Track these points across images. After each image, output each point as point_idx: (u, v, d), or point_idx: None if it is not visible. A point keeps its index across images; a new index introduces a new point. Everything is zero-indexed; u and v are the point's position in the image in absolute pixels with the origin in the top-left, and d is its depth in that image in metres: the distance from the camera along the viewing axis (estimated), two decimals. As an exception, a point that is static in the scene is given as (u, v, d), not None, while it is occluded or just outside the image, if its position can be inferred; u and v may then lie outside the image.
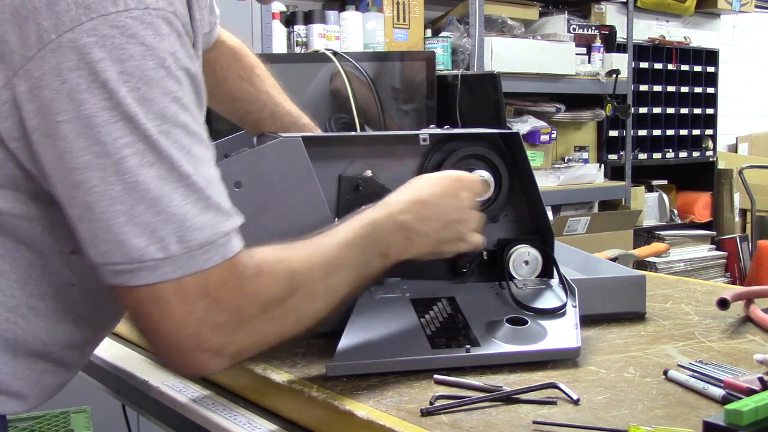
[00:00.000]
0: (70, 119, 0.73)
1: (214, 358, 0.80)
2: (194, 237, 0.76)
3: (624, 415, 0.80)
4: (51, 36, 0.73)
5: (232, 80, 1.28)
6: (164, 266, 0.75)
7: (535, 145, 3.84)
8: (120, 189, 0.74)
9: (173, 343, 0.78)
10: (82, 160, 0.74)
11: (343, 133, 1.58)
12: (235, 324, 0.80)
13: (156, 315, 0.77)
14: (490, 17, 3.74)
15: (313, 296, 0.86)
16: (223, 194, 0.80)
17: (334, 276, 0.88)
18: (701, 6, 4.88)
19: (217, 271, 0.78)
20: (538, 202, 1.13)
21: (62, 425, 2.07)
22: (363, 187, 1.09)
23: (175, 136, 0.76)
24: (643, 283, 1.17)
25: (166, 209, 0.75)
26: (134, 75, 0.74)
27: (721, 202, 5.07)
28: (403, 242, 0.96)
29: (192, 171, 0.77)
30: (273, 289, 0.82)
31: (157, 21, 0.76)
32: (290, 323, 0.84)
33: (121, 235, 0.74)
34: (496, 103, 1.74)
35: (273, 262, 0.84)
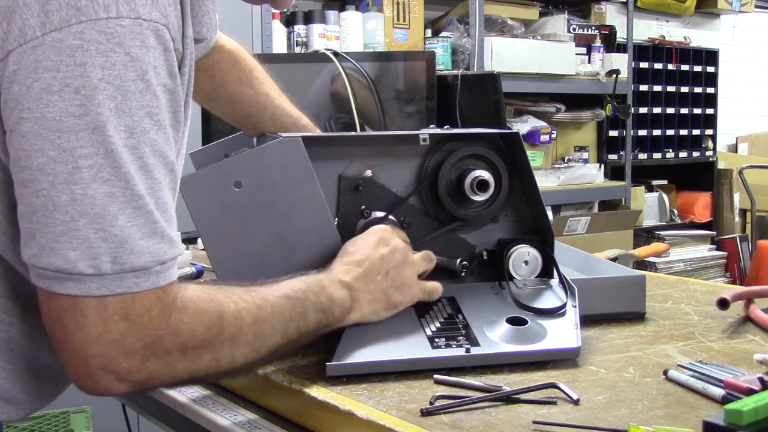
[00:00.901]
0: (33, 118, 0.72)
1: (117, 381, 0.78)
2: (130, 261, 0.75)
3: (624, 415, 0.80)
4: (36, 33, 0.72)
5: (231, 83, 1.28)
6: (91, 281, 0.74)
7: (535, 145, 3.84)
8: (66, 198, 0.73)
9: (81, 358, 0.76)
10: (36, 162, 0.73)
11: (343, 133, 1.58)
12: (149, 353, 0.78)
13: (71, 326, 0.75)
14: (490, 17, 3.74)
15: (236, 341, 0.83)
16: (172, 222, 0.79)
17: (264, 324, 0.86)
18: (701, 6, 4.88)
19: (143, 297, 0.76)
20: (538, 202, 1.13)
21: (62, 425, 2.07)
22: (363, 187, 1.09)
23: (139, 152, 0.75)
24: (643, 283, 1.17)
25: (108, 228, 0.74)
26: (113, 84, 0.73)
27: (721, 202, 5.07)
28: (350, 301, 0.95)
29: (146, 192, 0.75)
30: (196, 326, 0.80)
31: (147, 33, 0.75)
32: (206, 364, 0.82)
33: (55, 243, 0.73)
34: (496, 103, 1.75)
35: (203, 300, 0.82)
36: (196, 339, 0.80)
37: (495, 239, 1.14)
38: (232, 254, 1.01)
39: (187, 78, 0.86)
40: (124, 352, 0.76)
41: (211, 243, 1.01)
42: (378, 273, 0.98)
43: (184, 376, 0.82)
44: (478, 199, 1.10)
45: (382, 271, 0.99)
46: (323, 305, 0.92)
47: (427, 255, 1.05)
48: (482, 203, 1.11)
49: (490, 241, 1.13)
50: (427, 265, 1.05)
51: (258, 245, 1.01)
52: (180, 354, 0.80)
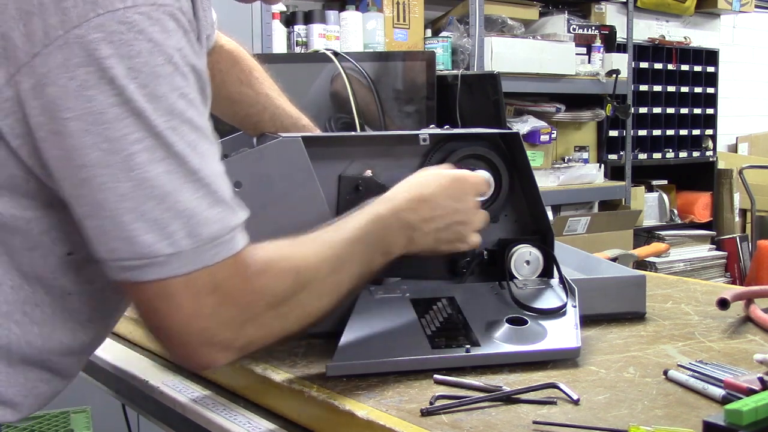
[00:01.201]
0: (78, 116, 0.73)
1: (222, 352, 0.80)
2: (203, 232, 0.76)
3: (624, 415, 0.80)
4: (58, 32, 0.72)
5: (231, 84, 1.28)
6: (173, 261, 0.76)
7: (535, 145, 3.84)
8: (129, 185, 0.74)
9: (182, 337, 0.79)
10: (91, 157, 0.73)
11: (343, 133, 1.58)
12: (244, 319, 0.80)
13: (165, 310, 0.77)
14: (490, 17, 3.74)
15: (318, 293, 0.87)
16: (229, 189, 0.80)
17: (339, 273, 0.89)
18: (701, 6, 4.88)
19: (225, 267, 0.78)
20: (538, 202, 1.13)
21: (62, 425, 2.07)
22: (363, 187, 1.09)
23: (182, 131, 0.76)
24: (643, 283, 1.17)
25: (176, 205, 0.75)
26: (142, 71, 0.74)
27: (721, 202, 5.07)
28: (406, 240, 0.97)
29: (200, 166, 0.77)
30: (279, 286, 0.83)
31: (164, 17, 0.76)
32: (296, 319, 0.85)
33: (130, 231, 0.74)
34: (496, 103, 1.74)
35: (279, 260, 0.84)
36: (282, 297, 0.83)
37: (495, 239, 1.14)
38: (232, 254, 1.01)
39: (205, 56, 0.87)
40: (221, 322, 0.79)
41: (211, 243, 1.01)
42: (439, 220, 0.99)
43: (280, 334, 0.85)
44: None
45: (446, 223, 1.00)
46: (387, 248, 0.95)
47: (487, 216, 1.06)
48: (482, 203, 1.11)
49: (490, 241, 1.13)
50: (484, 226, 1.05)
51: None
52: (272, 313, 0.83)
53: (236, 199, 0.81)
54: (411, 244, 0.98)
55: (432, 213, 0.99)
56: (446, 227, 1.00)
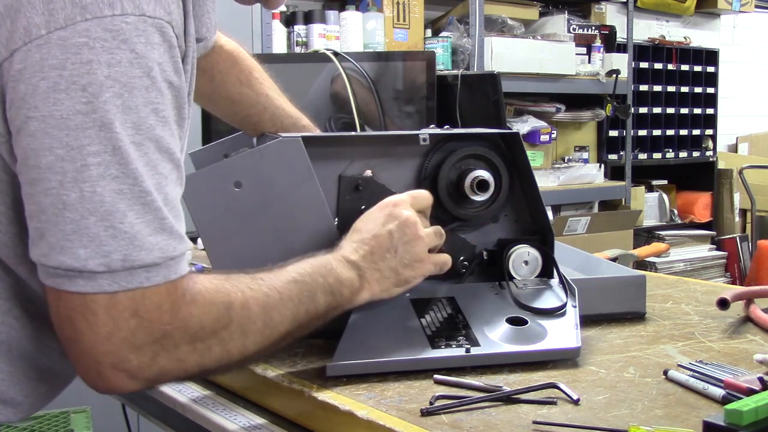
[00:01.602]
0: (40, 116, 0.72)
1: (128, 379, 0.77)
2: (140, 258, 0.75)
3: (624, 415, 0.80)
4: (41, 31, 0.72)
5: (230, 84, 1.28)
6: (102, 279, 0.74)
7: (535, 145, 3.84)
8: (75, 196, 0.73)
9: (91, 356, 0.76)
10: (45, 160, 0.73)
11: (343, 133, 1.58)
12: (159, 349, 0.77)
13: (81, 325, 0.75)
14: (490, 17, 3.74)
15: (245, 331, 0.83)
16: (180, 217, 0.79)
17: (273, 311, 0.85)
18: (701, 6, 4.88)
19: (154, 292, 0.76)
20: (538, 202, 1.13)
21: (62, 425, 2.07)
22: (363, 187, 1.09)
23: (146, 149, 0.75)
24: (643, 283, 1.17)
25: (118, 225, 0.74)
26: (119, 81, 0.73)
27: (721, 202, 5.07)
28: (359, 280, 0.94)
29: (153, 188, 0.75)
30: (205, 318, 0.80)
31: (151, 29, 0.75)
32: (216, 356, 0.82)
33: (66, 242, 0.73)
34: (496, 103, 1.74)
35: (210, 291, 0.81)
36: (205, 331, 0.80)
37: (495, 239, 1.14)
38: (232, 254, 1.01)
39: (190, 75, 0.87)
40: (135, 348, 0.76)
41: (211, 243, 1.01)
42: (387, 250, 0.97)
43: (195, 369, 0.82)
44: (478, 199, 1.10)
45: (391, 248, 0.97)
46: (332, 287, 0.92)
47: (437, 230, 1.03)
48: (482, 203, 1.11)
49: (490, 241, 1.13)
50: (437, 240, 1.02)
51: (258, 245, 1.01)
52: (190, 347, 0.80)
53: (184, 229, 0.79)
54: (368, 284, 0.95)
55: (375, 246, 0.96)
56: (395, 254, 0.97)
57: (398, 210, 1.00)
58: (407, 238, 0.98)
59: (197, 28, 0.92)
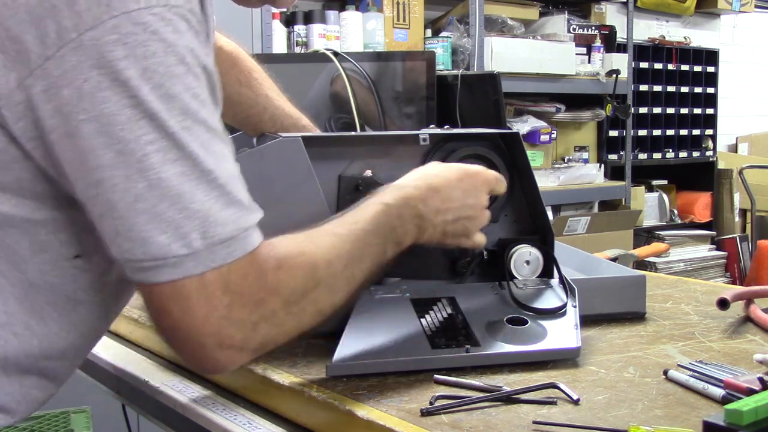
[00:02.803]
0: (92, 117, 0.73)
1: (236, 354, 0.80)
2: (217, 232, 0.76)
3: (624, 415, 0.80)
4: (71, 35, 0.72)
5: (230, 85, 1.28)
6: (187, 262, 0.75)
7: (535, 145, 3.84)
8: (143, 186, 0.74)
9: (195, 340, 0.78)
10: (105, 159, 0.74)
11: (343, 133, 1.58)
12: (257, 319, 0.79)
13: (177, 312, 0.77)
14: (490, 17, 3.74)
15: (332, 288, 0.86)
16: (243, 189, 0.80)
17: (354, 267, 0.88)
18: (701, 6, 4.88)
19: (239, 266, 0.78)
20: (538, 202, 1.13)
21: (62, 425, 2.07)
22: (363, 187, 1.09)
23: (196, 132, 0.76)
24: (643, 283, 1.17)
25: (190, 205, 0.75)
26: (157, 71, 0.74)
27: (721, 202, 5.07)
28: (416, 229, 0.97)
29: (214, 166, 0.77)
30: (294, 282, 0.82)
31: (176, 18, 0.76)
32: (311, 316, 0.84)
33: (144, 232, 0.74)
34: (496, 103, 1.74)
35: (294, 255, 0.83)
36: (296, 294, 0.82)
37: (495, 239, 1.14)
38: (232, 254, 1.01)
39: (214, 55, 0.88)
40: (235, 324, 0.78)
41: (211, 243, 1.01)
42: (452, 215, 0.99)
43: (294, 332, 0.84)
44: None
45: (454, 216, 1.00)
46: (399, 239, 0.94)
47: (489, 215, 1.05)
48: (484, 202, 1.11)
49: (490, 241, 1.13)
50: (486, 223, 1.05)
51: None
52: (285, 311, 0.81)
53: (251, 200, 0.81)
54: (420, 233, 0.97)
55: (442, 204, 0.98)
56: (454, 220, 1.00)
57: (480, 184, 1.02)
58: (473, 213, 1.02)
59: None
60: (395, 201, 0.95)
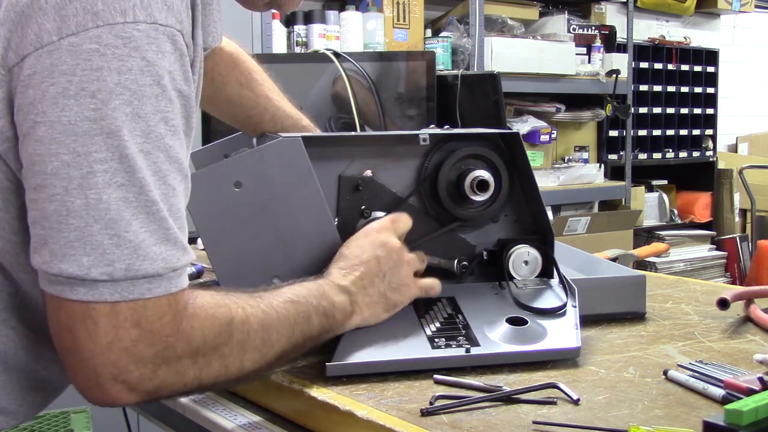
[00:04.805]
0: (48, 122, 0.72)
1: (127, 391, 0.76)
2: (143, 267, 0.74)
3: (624, 415, 0.80)
4: (52, 38, 0.72)
5: (231, 86, 1.28)
6: (104, 287, 0.73)
7: (535, 145, 3.84)
8: (80, 203, 0.72)
9: (91, 366, 0.75)
10: (51, 166, 0.72)
11: (343, 133, 1.58)
12: (160, 361, 0.76)
13: (81, 334, 0.74)
14: (490, 17, 3.74)
15: (245, 347, 0.83)
16: (184, 228, 0.78)
17: (271, 329, 0.86)
18: (701, 6, 4.88)
19: (157, 303, 0.75)
20: (538, 202, 1.13)
21: (62, 425, 2.07)
22: (363, 187, 1.09)
23: (154, 158, 0.75)
24: (643, 283, 1.17)
25: (122, 234, 0.73)
26: (128, 88, 0.73)
27: (721, 202, 5.07)
28: (350, 305, 0.95)
29: (159, 198, 0.75)
30: (206, 332, 0.80)
31: (162, 38, 0.75)
32: (215, 371, 0.81)
33: (69, 249, 0.72)
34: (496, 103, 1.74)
35: (212, 306, 0.81)
36: (206, 345, 0.80)
37: (495, 239, 1.14)
38: (232, 254, 1.01)
39: (197, 85, 0.86)
40: (136, 360, 0.75)
41: (211, 243, 1.01)
42: (375, 275, 0.98)
43: (194, 384, 0.81)
44: (478, 199, 1.10)
45: (379, 274, 0.99)
46: (325, 309, 0.92)
47: (419, 255, 1.05)
48: (482, 203, 1.11)
49: (490, 241, 1.13)
50: (420, 264, 1.05)
51: (258, 245, 1.01)
52: (191, 361, 0.79)
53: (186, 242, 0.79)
54: (359, 308, 0.96)
55: (362, 271, 0.97)
56: (382, 278, 0.98)
57: (383, 236, 1.01)
58: (393, 263, 1.00)
59: (204, 37, 0.92)
60: (321, 281, 0.95)
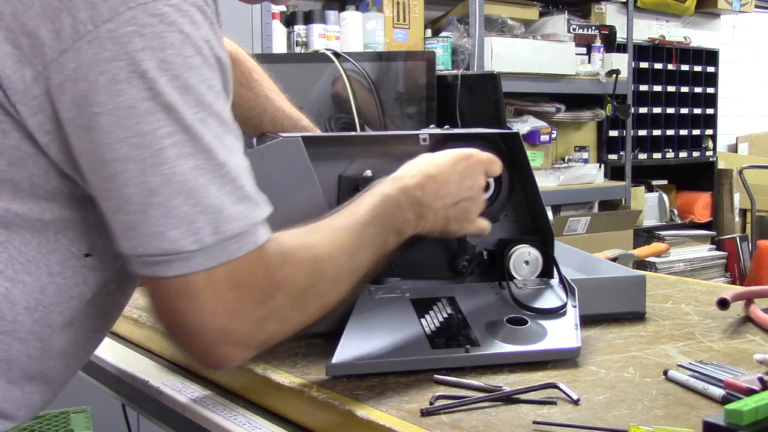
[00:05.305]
0: (108, 110, 0.73)
1: (241, 350, 0.80)
2: (229, 228, 0.76)
3: (624, 415, 0.80)
4: (88, 27, 0.72)
5: None
6: (197, 257, 0.75)
7: (535, 145, 3.84)
8: (158, 180, 0.73)
9: (201, 335, 0.77)
10: (121, 152, 0.73)
11: (343, 133, 1.58)
12: (264, 314, 0.79)
13: (185, 307, 0.76)
14: (490, 17, 3.74)
15: (336, 281, 0.86)
16: (252, 183, 0.80)
17: (356, 258, 0.88)
18: (701, 6, 4.88)
19: (247, 261, 0.77)
20: (538, 202, 1.13)
21: (62, 425, 2.07)
22: (363, 187, 1.09)
23: (210, 124, 0.76)
24: (643, 283, 1.17)
25: (203, 200, 0.75)
26: (174, 63, 0.74)
27: (721, 202, 5.07)
28: (415, 217, 0.96)
29: (227, 160, 0.77)
30: (300, 277, 0.82)
31: (192, 9, 0.76)
32: (316, 309, 0.85)
33: (158, 227, 0.74)
34: (496, 103, 1.74)
35: (299, 249, 0.83)
36: (302, 288, 0.82)
37: (495, 239, 1.14)
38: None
39: None
40: (240, 319, 0.78)
41: (211, 243, 1.01)
42: (451, 198, 0.99)
43: (300, 325, 0.84)
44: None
45: (455, 199, 0.99)
46: (399, 228, 0.94)
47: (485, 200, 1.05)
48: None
49: (490, 241, 1.13)
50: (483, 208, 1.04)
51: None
52: (291, 306, 0.82)
53: (260, 194, 0.81)
54: (422, 222, 0.97)
55: (439, 190, 0.98)
56: (454, 204, 0.99)
57: (476, 169, 1.02)
58: (471, 196, 1.01)
59: None
60: (393, 191, 0.95)
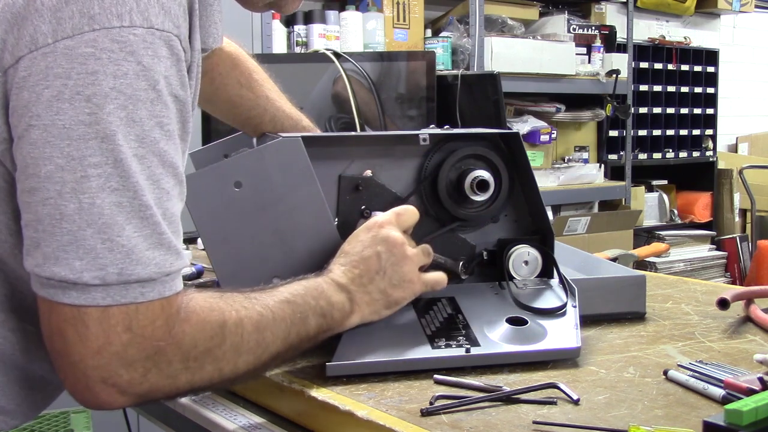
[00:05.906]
0: (42, 125, 0.72)
1: (117, 394, 0.76)
2: (136, 272, 0.74)
3: (624, 415, 0.80)
4: (47, 40, 0.72)
5: (231, 87, 1.28)
6: (96, 291, 0.73)
7: (535, 145, 3.84)
8: (74, 207, 0.72)
9: (81, 370, 0.75)
10: (45, 169, 0.72)
11: (343, 133, 1.58)
12: (151, 365, 0.76)
13: (72, 337, 0.74)
14: (490, 17, 3.74)
15: (238, 350, 0.82)
16: (178, 233, 0.78)
17: (266, 331, 0.85)
18: (701, 6, 4.88)
19: (148, 308, 0.75)
20: (538, 202, 1.13)
21: (62, 425, 2.07)
22: (363, 187, 1.09)
23: (148, 162, 0.74)
24: (643, 283, 1.17)
25: (115, 238, 0.73)
26: (124, 93, 0.73)
27: (721, 202, 5.07)
28: (349, 303, 0.94)
29: (153, 203, 0.75)
30: (198, 337, 0.79)
31: (159, 42, 0.75)
32: (208, 374, 0.81)
33: (61, 252, 0.72)
34: (496, 103, 1.74)
35: (205, 310, 0.81)
36: (198, 349, 0.79)
37: (495, 239, 1.14)
38: (232, 254, 1.01)
39: (194, 89, 0.86)
40: (126, 363, 0.75)
41: (211, 243, 1.01)
42: (376, 272, 0.96)
43: (186, 387, 0.81)
44: (478, 199, 1.10)
45: (380, 270, 0.97)
46: (323, 309, 0.91)
47: (425, 249, 1.02)
48: (482, 203, 1.11)
49: (490, 241, 1.13)
50: (425, 259, 1.02)
51: (258, 245, 1.01)
52: (182, 365, 0.79)
53: (181, 245, 0.78)
54: (358, 306, 0.95)
55: (363, 268, 0.96)
56: (382, 274, 0.96)
57: (384, 231, 0.99)
58: (395, 258, 0.98)
59: (203, 39, 0.92)
60: (319, 279, 0.93)
